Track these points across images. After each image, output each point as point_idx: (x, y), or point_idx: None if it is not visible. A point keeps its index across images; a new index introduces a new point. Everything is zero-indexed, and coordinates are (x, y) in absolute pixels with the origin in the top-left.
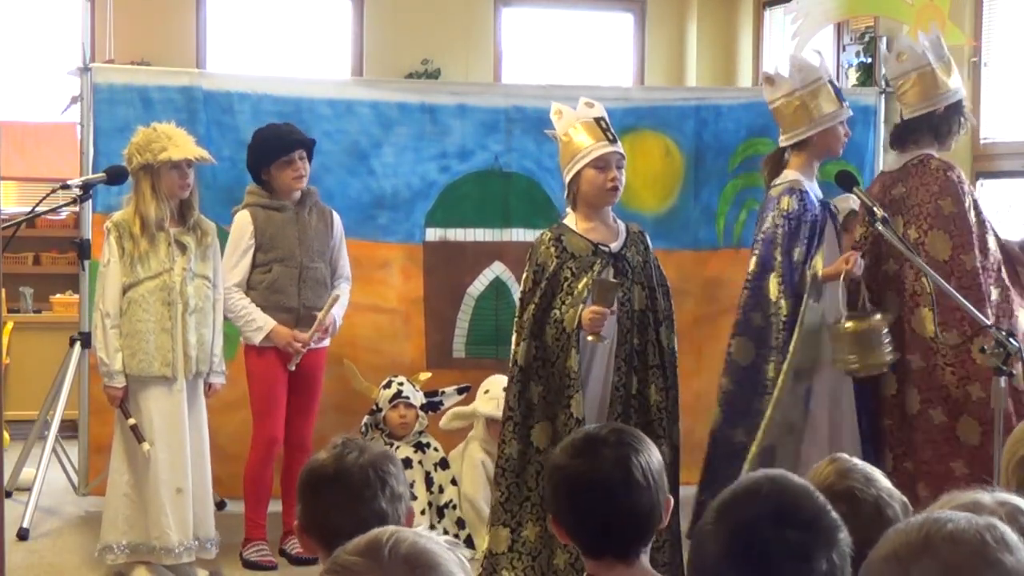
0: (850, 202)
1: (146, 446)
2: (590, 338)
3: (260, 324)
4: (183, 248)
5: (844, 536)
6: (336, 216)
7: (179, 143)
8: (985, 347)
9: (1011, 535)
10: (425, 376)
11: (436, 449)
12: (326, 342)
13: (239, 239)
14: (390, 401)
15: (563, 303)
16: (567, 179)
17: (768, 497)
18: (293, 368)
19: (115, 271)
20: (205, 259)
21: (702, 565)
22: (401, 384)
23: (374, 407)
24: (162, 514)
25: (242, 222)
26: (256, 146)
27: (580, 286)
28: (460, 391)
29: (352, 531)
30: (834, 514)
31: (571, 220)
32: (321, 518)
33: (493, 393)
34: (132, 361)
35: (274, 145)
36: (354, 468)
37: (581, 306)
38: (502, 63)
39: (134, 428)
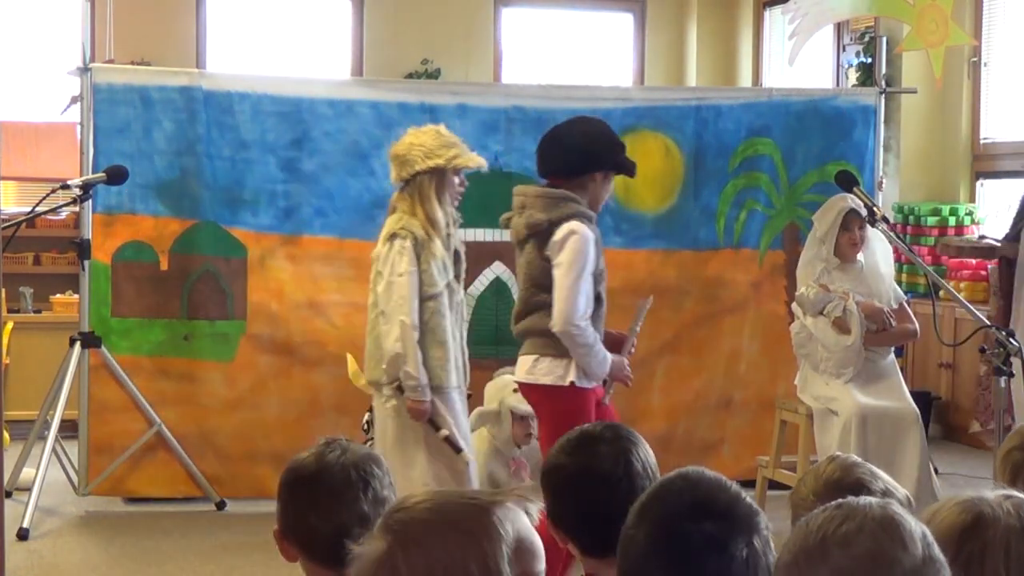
0: (847, 201)
1: (466, 455)
2: None
3: (605, 354)
4: (457, 256)
5: (762, 520)
6: None
7: (466, 150)
8: (985, 347)
9: (910, 526)
10: None
11: None
12: None
13: (586, 259)
14: None
15: None
16: None
17: (682, 493)
18: (608, 401)
19: (415, 281)
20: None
21: (629, 567)
22: None
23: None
24: None
25: (588, 239)
26: (608, 142)
27: None
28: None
29: (331, 534)
30: (749, 500)
31: None
32: (300, 519)
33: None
34: (442, 373)
35: (625, 158)
36: (335, 468)
37: None
38: (502, 63)
39: (449, 439)
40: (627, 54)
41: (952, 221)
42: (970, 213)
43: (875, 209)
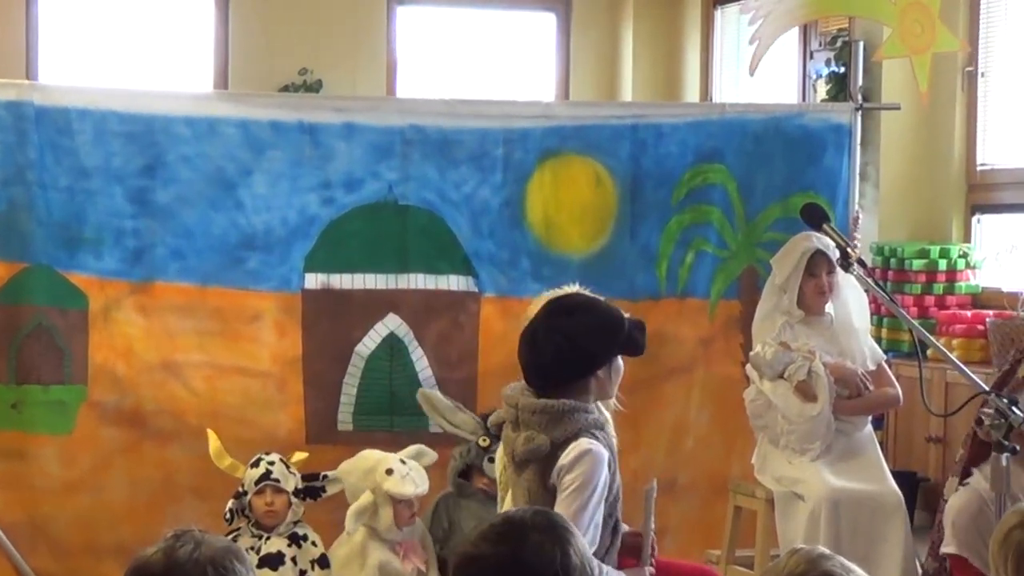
0: (813, 240)
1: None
2: None
3: None
4: None
5: None
6: None
7: None
8: (983, 417)
9: None
10: (300, 456)
11: (315, 543)
12: None
13: (597, 484)
14: (256, 483)
15: None
16: None
17: None
18: None
19: None
20: None
21: None
22: (271, 464)
23: (239, 489)
24: None
25: (601, 460)
26: (605, 334)
27: None
28: None
29: None
30: None
31: None
32: None
33: (402, 471)
34: None
35: (632, 336)
36: (188, 565)
37: None
38: (396, 73)
39: None
40: (549, 62)
41: (942, 264)
42: (964, 255)
43: (848, 250)
